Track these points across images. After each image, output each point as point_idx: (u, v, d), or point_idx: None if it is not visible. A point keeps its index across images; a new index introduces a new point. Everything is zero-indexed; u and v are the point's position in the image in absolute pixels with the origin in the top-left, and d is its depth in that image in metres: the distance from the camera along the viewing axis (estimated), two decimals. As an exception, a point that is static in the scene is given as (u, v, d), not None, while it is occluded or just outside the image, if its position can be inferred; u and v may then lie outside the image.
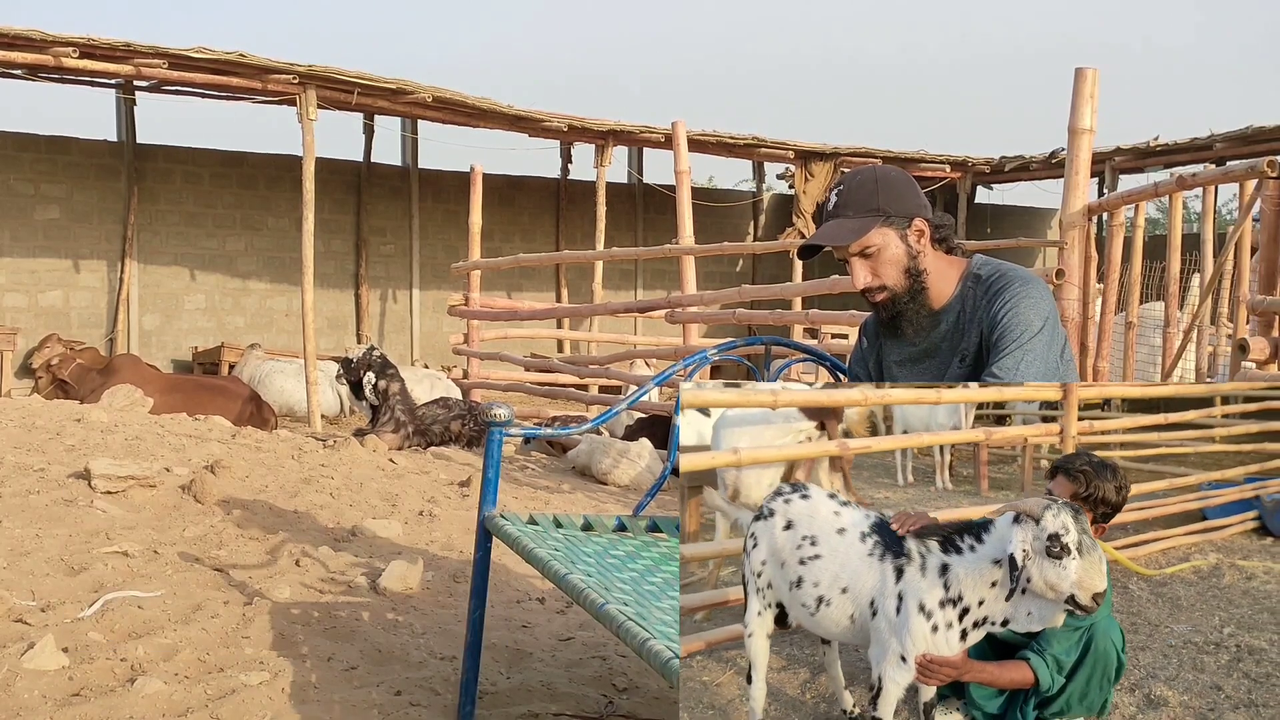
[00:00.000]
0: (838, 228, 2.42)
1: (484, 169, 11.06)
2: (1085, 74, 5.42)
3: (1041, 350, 2.34)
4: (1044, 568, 1.93)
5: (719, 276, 17.68)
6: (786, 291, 8.31)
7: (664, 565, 2.54)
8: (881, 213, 2.40)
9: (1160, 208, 19.60)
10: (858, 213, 2.40)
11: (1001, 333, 2.36)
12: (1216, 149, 14.53)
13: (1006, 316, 2.36)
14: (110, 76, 12.02)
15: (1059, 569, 1.92)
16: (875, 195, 2.41)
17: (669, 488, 4.97)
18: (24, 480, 4.47)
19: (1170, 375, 5.43)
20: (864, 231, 2.39)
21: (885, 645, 2.07)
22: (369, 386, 7.69)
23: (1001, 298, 2.38)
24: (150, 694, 2.64)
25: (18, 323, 13.10)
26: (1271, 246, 4.24)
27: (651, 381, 3.05)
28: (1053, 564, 1.92)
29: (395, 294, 16.26)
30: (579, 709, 2.82)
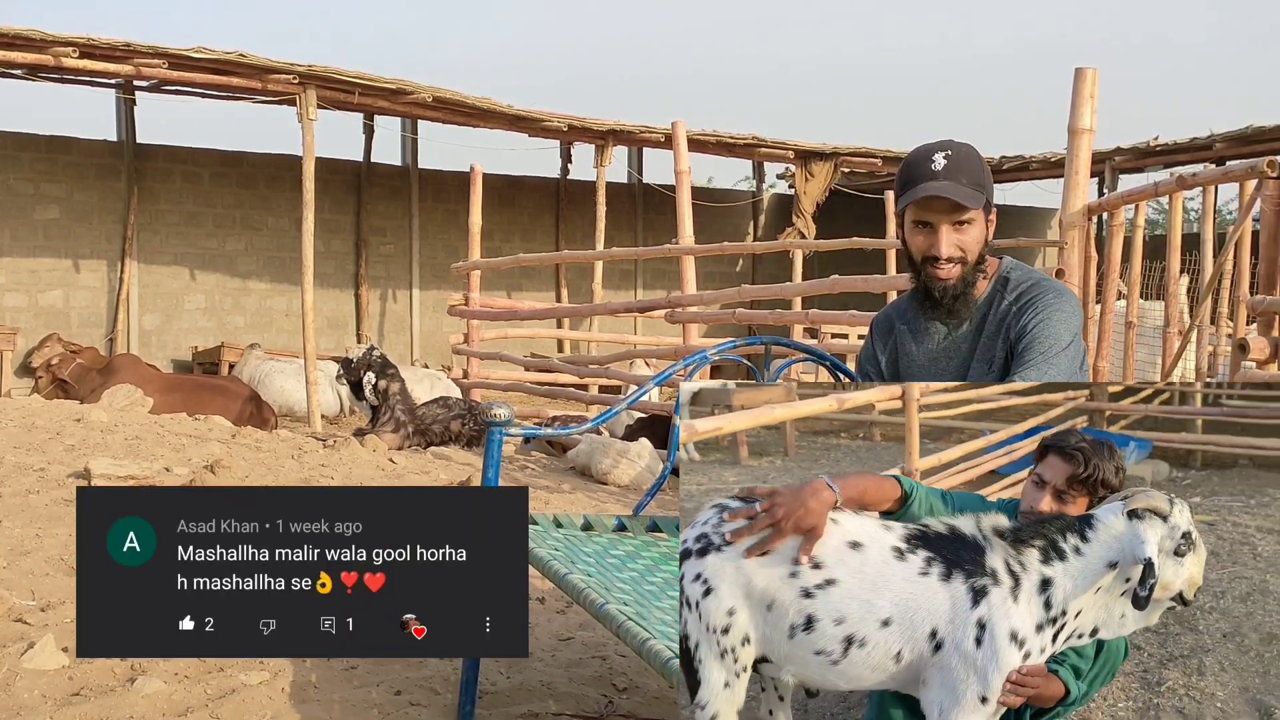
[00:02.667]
0: (956, 189, 2.35)
1: (484, 169, 11.06)
2: (1085, 74, 5.42)
3: (1065, 365, 2.32)
4: (1165, 567, 1.73)
5: (719, 276, 17.67)
6: (786, 291, 8.31)
7: (664, 565, 2.54)
8: (984, 191, 2.39)
9: (1160, 207, 19.60)
10: (970, 183, 2.38)
11: (1030, 343, 2.34)
12: (1216, 149, 14.52)
13: (1037, 328, 2.35)
14: (110, 76, 12.02)
15: (1178, 567, 1.74)
16: (982, 173, 2.41)
17: (669, 488, 4.97)
18: (24, 480, 4.47)
19: (1170, 375, 5.43)
20: (976, 202, 2.38)
21: (957, 688, 1.68)
22: (369, 386, 7.69)
23: (1034, 307, 2.38)
24: (150, 693, 2.64)
25: (18, 323, 13.10)
26: (1271, 246, 4.24)
27: (651, 381, 3.05)
28: (1175, 562, 1.73)
29: (395, 294, 16.27)
30: (579, 709, 2.82)
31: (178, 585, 1.96)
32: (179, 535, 1.97)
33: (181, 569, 1.97)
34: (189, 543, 1.97)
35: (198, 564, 1.97)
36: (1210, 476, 4.74)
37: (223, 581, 1.97)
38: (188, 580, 1.97)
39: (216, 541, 1.98)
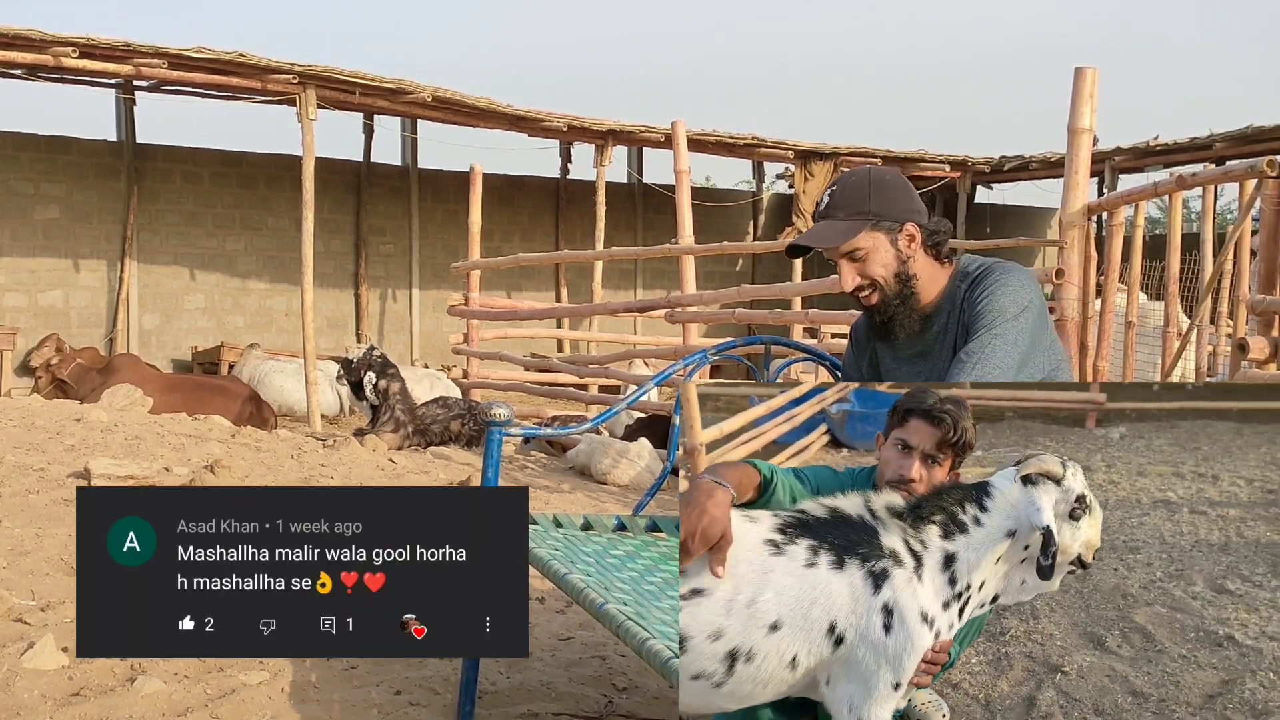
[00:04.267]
0: (828, 229, 2.41)
1: (484, 169, 11.05)
2: (1085, 73, 5.42)
3: (1012, 335, 2.30)
4: (1063, 532, 1.66)
5: (719, 276, 17.67)
6: (786, 291, 8.31)
7: (664, 565, 2.54)
8: (872, 215, 2.39)
9: (1160, 207, 19.60)
10: (848, 214, 2.40)
11: (975, 317, 2.35)
12: (1216, 149, 14.52)
13: (982, 303, 2.35)
14: (110, 76, 12.01)
15: (1074, 531, 1.68)
16: (867, 198, 2.40)
17: (669, 487, 4.97)
18: (24, 480, 4.47)
19: (1170, 375, 5.43)
20: (853, 234, 2.39)
21: (869, 680, 1.57)
22: (369, 386, 7.69)
23: (981, 285, 2.39)
24: (150, 693, 2.64)
25: (18, 323, 13.10)
26: (1271, 246, 4.24)
27: (651, 381, 3.05)
28: (1071, 526, 1.68)
29: (395, 294, 16.26)
30: (579, 709, 2.82)
31: (178, 585, 1.96)
32: (179, 535, 1.97)
33: (182, 569, 1.97)
34: (189, 543, 1.97)
35: (198, 564, 1.97)
36: (985, 429, 4.94)
37: (223, 581, 1.97)
38: (188, 580, 1.97)
39: (216, 541, 1.97)
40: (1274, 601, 3.23)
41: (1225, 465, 4.90)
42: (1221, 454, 5.07)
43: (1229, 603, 3.21)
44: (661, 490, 3.28)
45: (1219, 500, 4.41)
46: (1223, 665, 2.79)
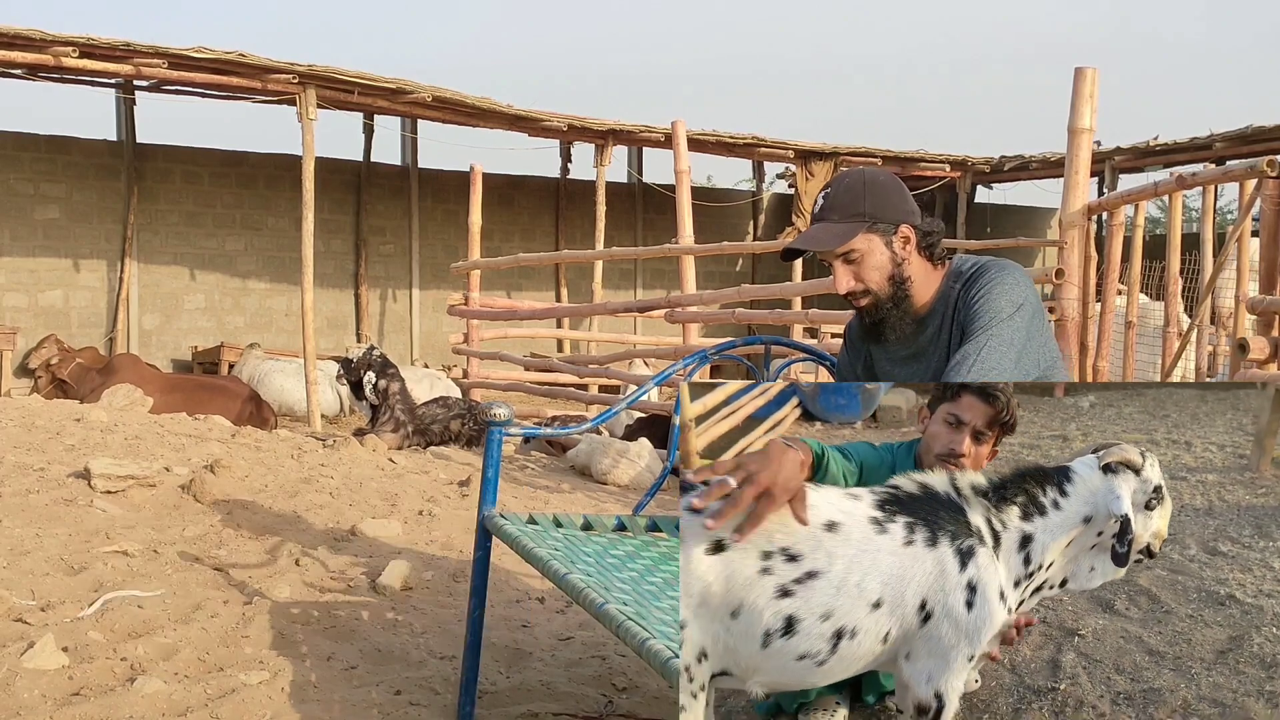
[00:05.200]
0: (822, 231, 2.41)
1: (484, 168, 11.06)
2: (1085, 73, 5.42)
3: (1008, 335, 2.30)
4: (1136, 521, 1.68)
5: (719, 276, 17.67)
6: (786, 291, 8.31)
7: (664, 565, 2.54)
8: (867, 218, 2.39)
9: (1160, 207, 19.60)
10: (843, 217, 2.40)
11: (970, 318, 2.35)
12: (1216, 148, 14.52)
13: (978, 303, 2.35)
14: (110, 76, 12.02)
15: (1146, 520, 1.70)
16: (861, 200, 2.40)
17: (669, 487, 4.97)
18: (24, 480, 4.47)
19: (1170, 375, 5.44)
20: (847, 237, 2.39)
21: (948, 654, 1.59)
22: (369, 386, 7.69)
23: (976, 285, 2.38)
24: (150, 693, 2.64)
25: (18, 323, 13.10)
26: (1271, 246, 4.24)
27: (651, 381, 3.05)
28: (1144, 516, 1.69)
29: (395, 293, 16.26)
30: (579, 708, 2.82)
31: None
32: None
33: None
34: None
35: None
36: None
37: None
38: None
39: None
40: (1265, 561, 3.33)
41: (1196, 432, 4.97)
42: (1190, 420, 5.14)
43: (1224, 564, 3.31)
44: (661, 490, 3.28)
45: (1195, 466, 4.50)
46: (1228, 623, 2.89)
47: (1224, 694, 2.49)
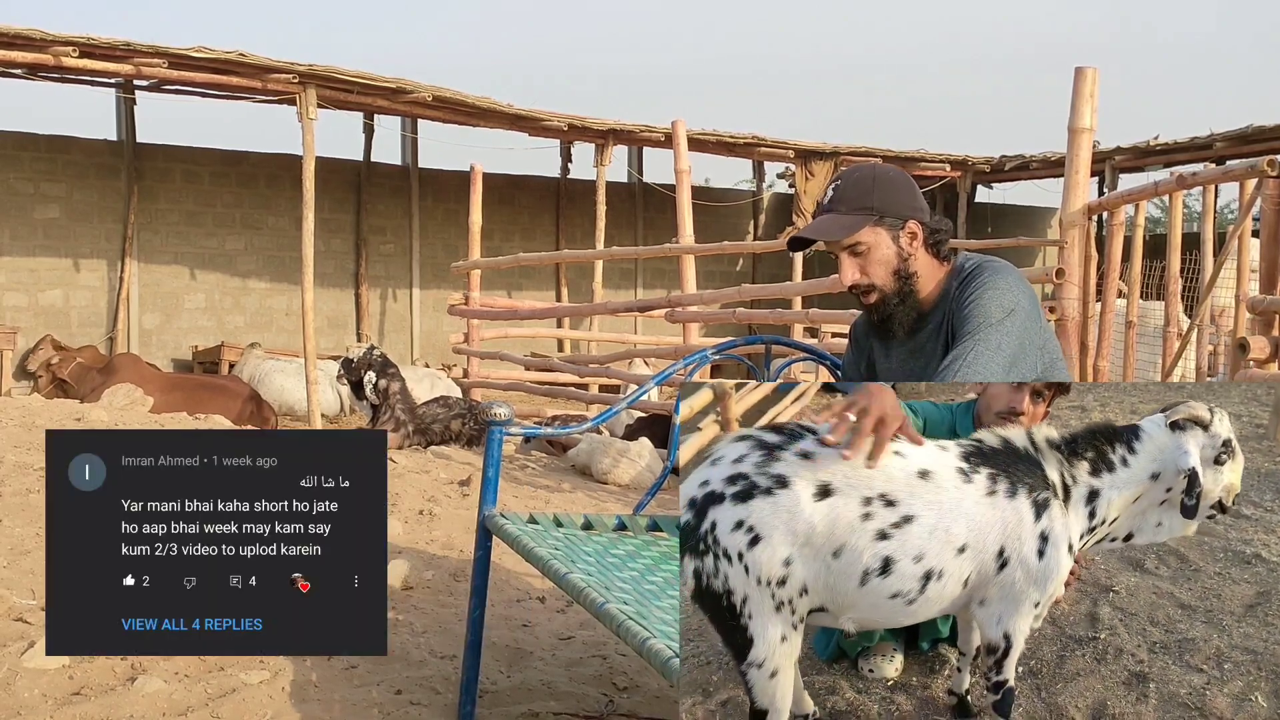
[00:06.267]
0: (830, 222, 2.41)
1: (484, 168, 11.06)
2: (1085, 73, 5.42)
3: (996, 340, 2.27)
4: (1205, 476, 1.72)
5: (719, 276, 17.67)
6: (787, 291, 8.32)
7: (664, 564, 2.54)
8: (875, 211, 2.39)
9: (1160, 207, 19.60)
10: (851, 209, 2.40)
11: (961, 321, 2.34)
12: (1216, 148, 14.52)
13: (969, 307, 2.33)
14: (110, 76, 12.02)
15: (1217, 475, 1.72)
16: (870, 193, 2.40)
17: (669, 487, 4.97)
18: (24, 480, 4.47)
19: (1170, 375, 5.43)
20: (855, 229, 2.39)
21: (1019, 599, 1.70)
22: (369, 386, 7.70)
23: (969, 286, 2.37)
24: (150, 693, 2.64)
25: (18, 322, 13.10)
26: (1271, 246, 4.23)
27: (651, 381, 3.05)
28: (1214, 470, 1.72)
29: (395, 293, 16.26)
30: (579, 708, 2.82)
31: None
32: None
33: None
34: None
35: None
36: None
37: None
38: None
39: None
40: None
41: (1212, 401, 4.98)
42: (1204, 390, 5.17)
43: (1248, 526, 3.42)
44: (662, 490, 3.28)
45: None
46: (1255, 580, 3.02)
47: (1255, 643, 2.60)
